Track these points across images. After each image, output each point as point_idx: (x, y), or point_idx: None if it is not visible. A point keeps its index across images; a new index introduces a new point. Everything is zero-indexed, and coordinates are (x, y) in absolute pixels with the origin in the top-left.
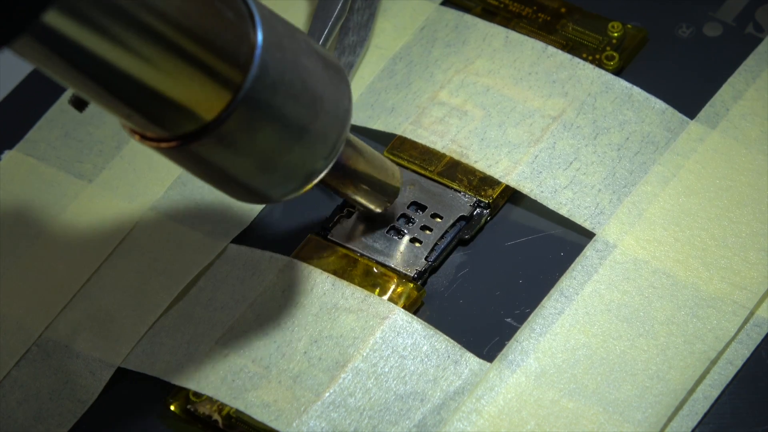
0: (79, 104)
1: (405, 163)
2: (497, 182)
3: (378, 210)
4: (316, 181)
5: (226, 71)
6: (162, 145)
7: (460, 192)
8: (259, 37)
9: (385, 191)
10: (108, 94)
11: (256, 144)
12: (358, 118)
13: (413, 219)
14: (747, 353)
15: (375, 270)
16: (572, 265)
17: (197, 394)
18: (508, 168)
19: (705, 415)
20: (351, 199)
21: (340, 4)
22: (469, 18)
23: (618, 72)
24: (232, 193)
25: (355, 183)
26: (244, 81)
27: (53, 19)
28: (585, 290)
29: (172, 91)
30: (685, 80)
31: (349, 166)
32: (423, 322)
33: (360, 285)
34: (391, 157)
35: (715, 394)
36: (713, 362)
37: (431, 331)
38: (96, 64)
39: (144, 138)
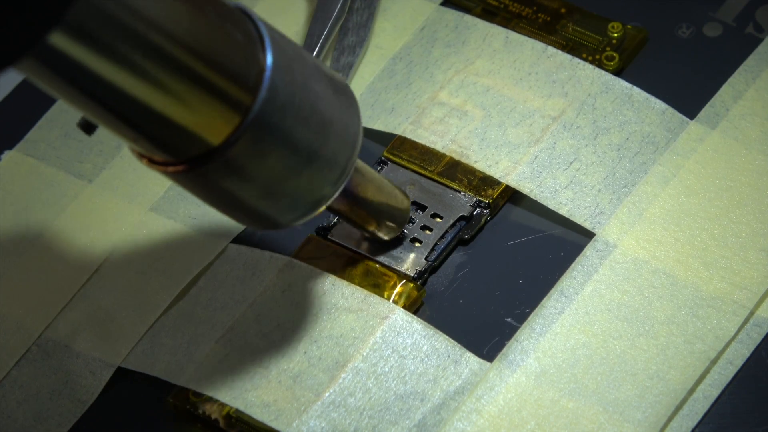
0: (88, 128)
1: (405, 163)
2: (497, 182)
3: (386, 238)
4: (324, 207)
5: (236, 94)
6: (170, 169)
7: (460, 192)
8: (269, 59)
9: (393, 219)
10: (115, 119)
11: (264, 168)
12: None
13: (413, 219)
14: (747, 353)
15: (375, 270)
16: (572, 265)
17: (197, 394)
18: (508, 168)
19: (705, 415)
20: (359, 226)
21: (339, 5)
22: (469, 18)
23: (618, 72)
24: (240, 219)
25: (364, 210)
26: (254, 104)
27: (58, 40)
28: (585, 290)
29: (181, 115)
30: (685, 80)
31: (357, 193)
32: (423, 322)
33: (360, 285)
34: (391, 157)
35: (715, 394)
36: (713, 362)
37: (431, 331)
38: (103, 87)
39: (152, 162)
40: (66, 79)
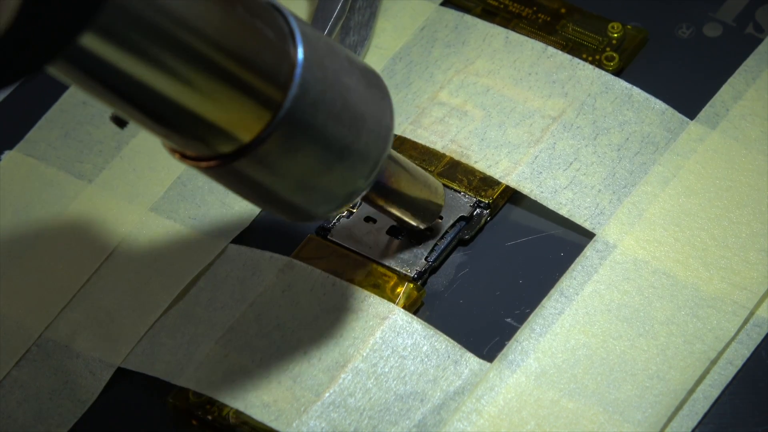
0: (120, 122)
1: None
2: (497, 182)
3: (421, 227)
4: (357, 198)
5: (267, 91)
6: (201, 164)
7: (460, 192)
8: (300, 55)
9: (428, 208)
10: (146, 116)
11: (295, 164)
12: None
13: None
14: (747, 353)
15: (375, 270)
16: (572, 266)
17: (197, 394)
18: (508, 168)
19: (705, 415)
20: (393, 216)
21: (340, 4)
22: (469, 18)
23: (618, 72)
24: (274, 211)
25: (398, 201)
26: (284, 101)
27: (88, 41)
28: (585, 290)
29: (212, 113)
30: (685, 80)
31: (390, 185)
32: (423, 322)
33: (360, 285)
34: None
35: (715, 394)
36: (713, 362)
37: (431, 331)
38: (134, 87)
39: (184, 157)
40: (97, 79)
